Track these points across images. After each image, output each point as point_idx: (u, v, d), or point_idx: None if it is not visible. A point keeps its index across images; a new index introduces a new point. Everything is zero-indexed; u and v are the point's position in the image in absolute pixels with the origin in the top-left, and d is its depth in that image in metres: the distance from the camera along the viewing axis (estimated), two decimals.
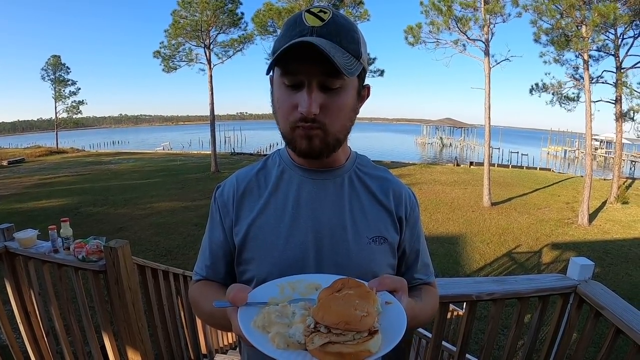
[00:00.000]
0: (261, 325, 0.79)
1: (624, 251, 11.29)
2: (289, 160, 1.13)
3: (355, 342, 0.71)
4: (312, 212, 1.06)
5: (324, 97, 0.92)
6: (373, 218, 1.10)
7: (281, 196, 1.09)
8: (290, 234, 1.05)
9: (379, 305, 0.82)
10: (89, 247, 2.49)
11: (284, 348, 0.75)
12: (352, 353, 0.71)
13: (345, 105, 0.97)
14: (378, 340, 0.73)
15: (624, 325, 1.68)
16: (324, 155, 1.01)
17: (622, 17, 13.77)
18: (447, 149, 49.98)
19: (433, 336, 2.08)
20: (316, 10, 0.92)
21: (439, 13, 16.86)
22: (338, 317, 0.72)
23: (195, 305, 1.16)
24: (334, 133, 0.98)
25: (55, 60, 42.65)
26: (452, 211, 15.41)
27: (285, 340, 0.75)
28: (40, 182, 21.77)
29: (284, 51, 0.86)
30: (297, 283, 0.93)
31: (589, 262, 2.02)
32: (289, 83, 0.93)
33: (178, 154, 39.28)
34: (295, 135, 0.97)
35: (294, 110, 0.93)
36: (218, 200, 1.14)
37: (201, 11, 23.03)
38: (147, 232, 12.38)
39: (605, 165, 35.53)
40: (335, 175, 1.11)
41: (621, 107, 16.50)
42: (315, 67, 0.89)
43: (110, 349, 2.78)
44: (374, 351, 0.72)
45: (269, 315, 0.80)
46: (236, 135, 63.61)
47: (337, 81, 0.92)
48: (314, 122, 0.93)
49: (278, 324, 0.78)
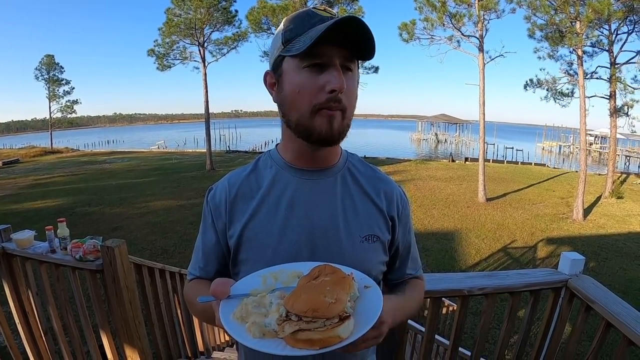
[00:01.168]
0: (240, 316, 0.81)
1: (619, 246, 11.37)
2: (281, 160, 1.14)
3: (324, 329, 0.73)
4: (305, 212, 1.08)
5: (344, 80, 0.95)
6: (365, 217, 1.11)
7: (274, 197, 1.10)
8: (284, 234, 1.06)
9: (355, 290, 0.85)
10: (86, 247, 2.50)
11: (260, 337, 0.76)
12: (321, 339, 0.73)
13: (355, 90, 1.02)
14: (349, 325, 0.75)
15: (614, 318, 1.70)
16: (338, 140, 1.02)
17: (616, 13, 13.82)
18: (442, 145, 50.01)
19: (426, 330, 2.11)
20: (322, 8, 0.97)
21: (433, 9, 16.88)
22: (306, 305, 0.74)
23: (189, 304, 1.19)
24: (349, 117, 1.00)
25: (49, 60, 42.42)
26: (447, 207, 15.46)
27: (260, 330, 0.77)
28: (35, 183, 21.70)
29: (328, 29, 0.88)
30: (280, 273, 0.95)
31: (580, 256, 2.04)
32: (310, 64, 0.94)
33: (173, 153, 39.20)
34: (316, 120, 0.98)
35: (320, 91, 0.95)
36: (210, 203, 1.15)
37: (195, 9, 22.96)
38: (142, 231, 12.37)
39: (600, 160, 35.67)
40: (327, 174, 1.12)
41: (615, 102, 16.58)
42: (340, 48, 0.93)
43: (109, 347, 2.79)
44: (345, 336, 0.73)
45: (247, 306, 0.82)
46: (231, 133, 63.67)
47: (354, 65, 0.98)
48: (340, 101, 0.95)
49: (255, 314, 0.80)
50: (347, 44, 0.92)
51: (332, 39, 0.90)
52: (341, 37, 0.91)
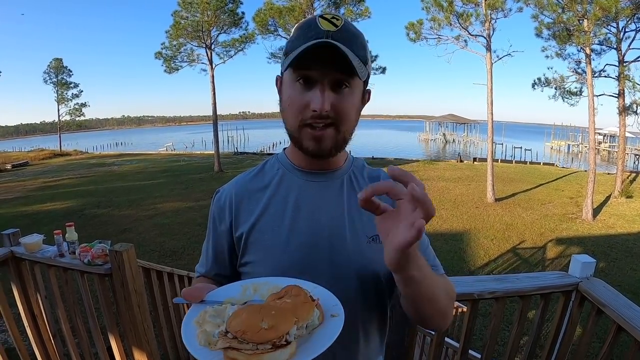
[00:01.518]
0: (197, 322, 0.81)
1: (629, 246, 11.26)
2: (288, 163, 1.15)
3: (252, 352, 0.72)
4: (311, 214, 1.08)
5: (334, 97, 0.96)
6: (371, 217, 1.08)
7: (280, 199, 1.10)
8: (290, 236, 1.06)
9: (315, 318, 0.82)
10: (94, 251, 2.51)
11: (205, 345, 0.76)
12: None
13: (352, 106, 1.01)
14: (282, 354, 0.73)
15: (625, 322, 1.69)
16: (332, 155, 1.04)
17: (623, 10, 13.71)
18: (450, 145, 49.86)
19: (436, 334, 2.10)
20: (329, 17, 0.96)
21: (440, 9, 16.83)
22: (239, 326, 0.73)
23: None
24: (343, 132, 1.01)
25: (57, 63, 42.77)
26: (455, 207, 15.39)
27: (207, 339, 0.77)
28: (45, 185, 21.85)
29: (305, 50, 0.90)
30: (261, 285, 0.94)
31: (591, 259, 2.02)
32: (301, 82, 0.97)
33: (181, 155, 39.34)
34: (303, 135, 1.00)
35: (305, 108, 0.96)
36: (215, 206, 1.17)
37: (202, 11, 23.03)
38: (151, 233, 12.40)
39: (609, 159, 35.39)
40: (334, 177, 1.13)
41: (624, 100, 16.42)
42: (329, 68, 0.93)
43: (117, 349, 2.80)
44: None
45: (205, 314, 0.82)
46: (239, 134, 63.80)
47: (347, 82, 0.97)
48: (327, 118, 0.96)
49: (209, 323, 0.80)
50: (336, 63, 0.92)
51: (319, 58, 0.92)
52: (328, 56, 0.91)
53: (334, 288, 0.96)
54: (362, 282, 1.06)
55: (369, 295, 1.09)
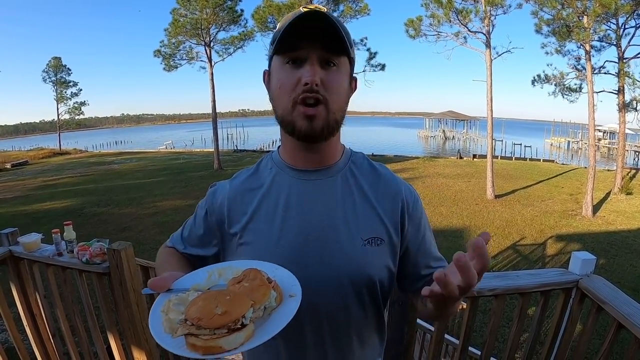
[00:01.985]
0: (163, 310, 0.83)
1: (629, 242, 11.27)
2: (281, 161, 1.14)
3: (208, 337, 0.74)
4: (301, 214, 1.06)
5: (323, 73, 0.97)
6: (368, 219, 1.08)
7: (272, 199, 1.09)
8: (281, 236, 1.05)
9: (272, 299, 0.84)
10: (93, 250, 2.51)
11: (170, 333, 0.77)
12: (203, 347, 0.73)
13: (341, 84, 1.01)
14: (237, 337, 0.75)
15: (625, 319, 1.68)
16: (324, 136, 1.02)
17: (623, 7, 13.70)
18: (450, 142, 49.91)
19: (435, 331, 2.09)
20: (312, 6, 0.97)
21: (440, 5, 16.82)
22: (195, 313, 0.75)
23: (157, 268, 1.22)
24: (334, 112, 1.00)
25: (56, 62, 42.75)
26: (455, 204, 15.41)
27: (171, 327, 0.78)
28: (44, 184, 21.85)
29: (289, 27, 0.93)
30: (226, 269, 0.96)
31: (591, 256, 2.02)
32: (291, 63, 0.98)
33: (181, 153, 39.35)
34: (296, 115, 0.99)
35: (296, 85, 0.96)
36: (209, 198, 1.18)
37: (201, 9, 23.01)
38: (151, 231, 12.40)
39: (609, 156, 35.38)
40: (327, 174, 1.11)
41: (624, 97, 16.40)
42: (316, 43, 0.95)
43: (116, 348, 2.80)
44: (228, 348, 0.74)
45: (169, 303, 0.83)
46: (238, 132, 63.84)
47: (335, 58, 0.98)
48: (317, 93, 0.96)
49: (173, 311, 0.81)
50: (321, 38, 0.94)
51: (307, 35, 0.94)
52: (316, 31, 0.93)
53: (326, 290, 0.98)
54: (355, 285, 1.05)
55: (363, 298, 1.08)
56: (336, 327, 1.07)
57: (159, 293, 0.88)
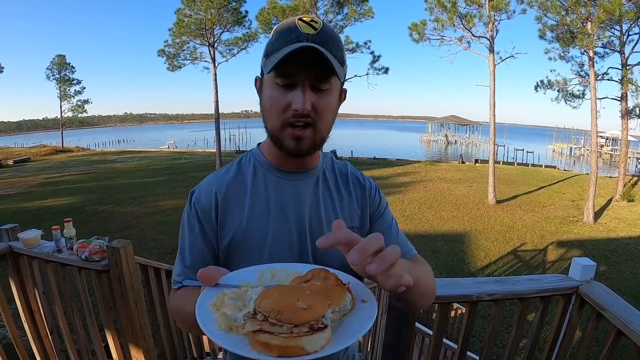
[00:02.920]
0: (214, 305, 0.76)
1: (630, 249, 11.24)
2: (266, 161, 1.18)
3: (287, 336, 0.65)
4: (293, 211, 1.12)
5: (314, 97, 0.99)
6: (345, 210, 1.18)
7: (263, 199, 1.12)
8: (276, 234, 1.09)
9: (347, 302, 0.77)
10: (92, 247, 2.50)
11: (226, 330, 0.71)
12: (279, 346, 0.65)
13: (331, 106, 1.05)
14: (320, 338, 0.66)
15: (625, 327, 1.67)
16: (310, 154, 1.08)
17: (627, 13, 13.68)
18: (452, 147, 49.87)
19: (434, 335, 2.08)
20: (308, 19, 0.99)
21: (444, 10, 16.83)
22: (273, 305, 0.68)
23: (178, 312, 1.09)
24: (322, 132, 1.05)
25: (60, 60, 42.79)
26: (457, 209, 15.37)
27: (228, 323, 0.72)
28: (46, 181, 21.87)
29: (286, 56, 0.93)
30: (279, 271, 0.92)
31: (591, 262, 2.01)
32: (283, 83, 0.99)
33: (183, 152, 39.37)
34: (284, 135, 1.03)
35: (287, 109, 0.99)
36: (196, 206, 1.14)
37: (205, 9, 23.07)
38: (152, 230, 12.41)
39: (611, 162, 35.34)
40: (309, 175, 1.18)
41: (627, 104, 16.38)
42: (310, 69, 0.96)
43: (114, 346, 2.79)
44: (310, 350, 0.65)
45: (224, 297, 0.77)
46: (241, 133, 63.78)
47: (326, 83, 1.00)
48: (307, 117, 0.99)
49: (229, 306, 0.75)
50: (314, 67, 0.96)
51: (300, 60, 0.95)
52: (309, 58, 0.94)
53: None
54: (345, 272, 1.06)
55: None
56: None
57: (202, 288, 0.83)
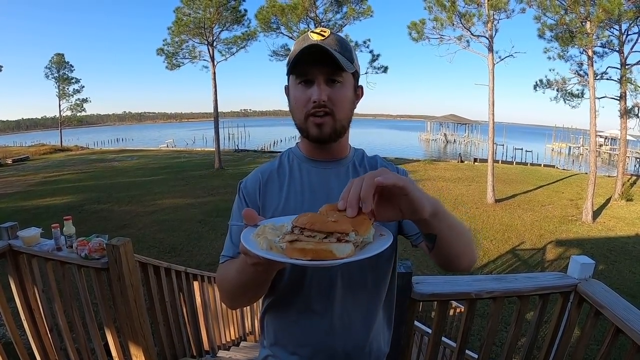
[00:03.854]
0: (257, 235, 0.89)
1: (628, 248, 11.26)
2: (302, 155, 1.36)
3: (319, 241, 0.78)
4: (326, 196, 1.26)
5: (329, 90, 1.18)
6: None
7: (298, 185, 1.30)
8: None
9: (370, 234, 0.89)
10: (92, 245, 2.50)
11: (266, 249, 0.84)
12: (313, 249, 0.77)
13: (346, 97, 1.23)
14: (346, 247, 0.79)
15: (623, 324, 1.67)
16: (333, 139, 1.25)
17: (626, 13, 13.69)
18: (451, 146, 49.89)
19: (432, 333, 2.09)
20: (318, 31, 1.20)
21: (443, 9, 16.82)
22: (308, 219, 0.81)
23: (222, 279, 1.24)
24: (340, 120, 1.23)
25: (59, 59, 42.72)
26: (455, 208, 15.40)
27: (268, 244, 0.85)
28: (45, 180, 21.87)
29: (299, 56, 1.13)
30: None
31: (590, 260, 2.01)
32: (301, 81, 1.19)
33: (182, 151, 39.36)
34: (309, 124, 1.22)
35: (308, 102, 1.19)
36: (243, 191, 1.33)
37: (204, 8, 23.06)
38: (151, 229, 12.41)
39: (610, 162, 35.37)
40: (340, 165, 1.35)
41: (626, 103, 16.40)
42: (321, 67, 1.16)
43: (113, 344, 2.79)
44: (338, 254, 0.78)
45: (265, 228, 0.91)
46: (240, 132, 63.84)
47: (338, 77, 1.18)
48: (325, 107, 1.18)
49: (270, 232, 0.89)
50: (325, 62, 1.14)
51: (313, 60, 1.14)
52: (319, 56, 1.13)
53: (348, 266, 1.05)
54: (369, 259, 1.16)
55: (375, 269, 1.30)
56: (355, 285, 1.27)
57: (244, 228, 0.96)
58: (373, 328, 1.33)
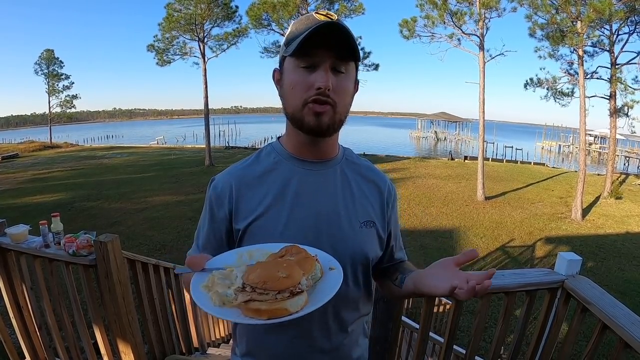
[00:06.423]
0: (206, 286, 0.88)
1: (617, 246, 11.37)
2: (285, 152, 1.21)
3: (273, 301, 0.79)
4: (310, 200, 1.16)
5: (334, 79, 1.06)
6: (362, 204, 1.22)
7: (280, 187, 1.16)
8: (290, 222, 1.13)
9: (317, 270, 0.92)
10: (79, 242, 2.49)
11: (220, 305, 0.83)
12: (268, 310, 0.78)
13: (348, 89, 1.12)
14: (299, 300, 0.81)
15: (610, 320, 1.69)
16: (328, 133, 1.12)
17: (617, 13, 13.78)
18: (442, 143, 50.07)
19: (420, 329, 2.10)
20: (324, 12, 1.07)
21: (434, 7, 16.85)
22: (259, 277, 0.81)
23: (185, 285, 1.20)
24: (340, 113, 1.11)
25: (49, 54, 42.36)
26: (445, 205, 15.45)
27: (220, 299, 0.84)
28: (34, 177, 21.70)
29: (308, 35, 1.00)
30: (255, 251, 1.01)
31: (577, 257, 2.03)
32: (305, 65, 1.06)
33: (172, 148, 39.23)
34: (305, 112, 1.08)
35: (309, 88, 1.05)
36: (212, 192, 1.20)
37: (195, 4, 22.95)
38: (141, 226, 12.36)
39: (600, 160, 35.63)
40: (328, 166, 1.22)
41: (615, 102, 16.56)
42: (331, 49, 1.04)
43: (102, 341, 2.78)
44: (293, 310, 0.79)
45: (214, 278, 0.89)
46: (231, 129, 63.62)
47: (344, 66, 1.08)
48: (328, 97, 1.05)
49: (220, 284, 0.86)
50: (335, 47, 1.04)
51: (322, 43, 1.02)
52: (330, 40, 1.02)
53: None
54: (354, 263, 1.19)
55: (358, 275, 1.22)
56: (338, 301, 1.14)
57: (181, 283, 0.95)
58: (351, 338, 1.26)
